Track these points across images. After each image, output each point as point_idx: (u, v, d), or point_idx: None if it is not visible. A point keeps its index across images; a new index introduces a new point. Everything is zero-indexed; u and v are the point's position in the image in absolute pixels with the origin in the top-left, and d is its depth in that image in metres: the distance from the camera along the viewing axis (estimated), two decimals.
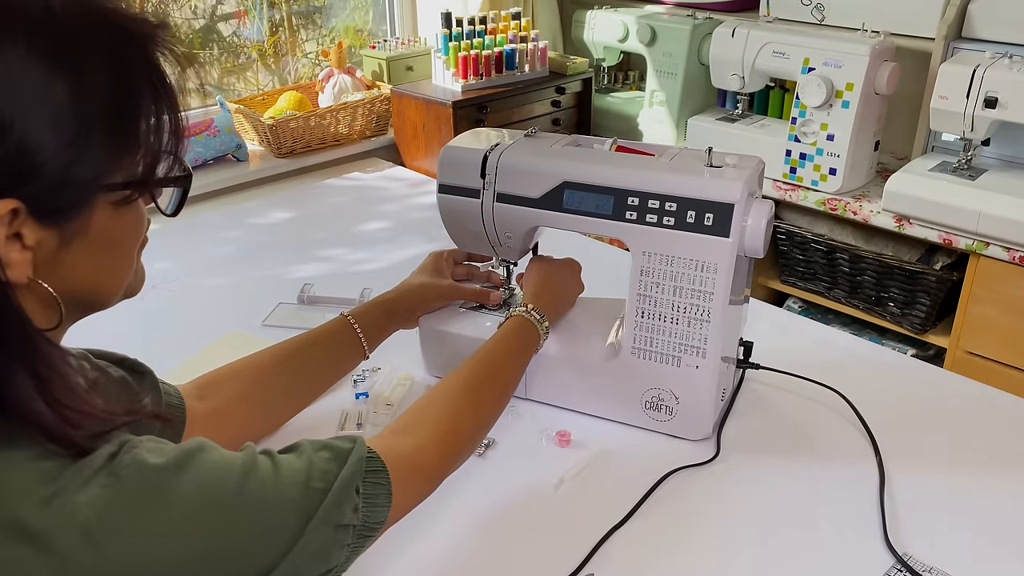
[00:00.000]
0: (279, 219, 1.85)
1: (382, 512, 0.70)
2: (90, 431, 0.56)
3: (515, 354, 0.99)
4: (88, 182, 0.57)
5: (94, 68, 0.56)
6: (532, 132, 1.11)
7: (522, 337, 1.01)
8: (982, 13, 1.87)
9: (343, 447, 0.69)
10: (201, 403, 0.92)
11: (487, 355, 0.95)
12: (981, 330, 1.81)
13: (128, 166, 0.59)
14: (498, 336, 0.99)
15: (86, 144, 0.56)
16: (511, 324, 1.01)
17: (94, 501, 0.53)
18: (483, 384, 0.91)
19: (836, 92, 1.93)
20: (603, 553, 0.88)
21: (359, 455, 0.69)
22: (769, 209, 0.96)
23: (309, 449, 0.68)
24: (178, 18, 2.34)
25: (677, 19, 2.36)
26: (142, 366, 0.85)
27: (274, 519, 0.60)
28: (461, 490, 0.96)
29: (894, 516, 0.92)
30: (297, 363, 1.01)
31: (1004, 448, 1.04)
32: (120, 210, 0.60)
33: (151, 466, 0.56)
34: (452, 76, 2.31)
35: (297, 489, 0.62)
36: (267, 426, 1.02)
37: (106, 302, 0.67)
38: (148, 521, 0.54)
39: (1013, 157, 1.92)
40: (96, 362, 0.81)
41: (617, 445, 1.04)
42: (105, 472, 0.54)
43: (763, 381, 1.16)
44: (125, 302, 0.73)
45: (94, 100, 0.56)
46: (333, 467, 0.66)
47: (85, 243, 0.59)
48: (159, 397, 0.85)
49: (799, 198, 2.04)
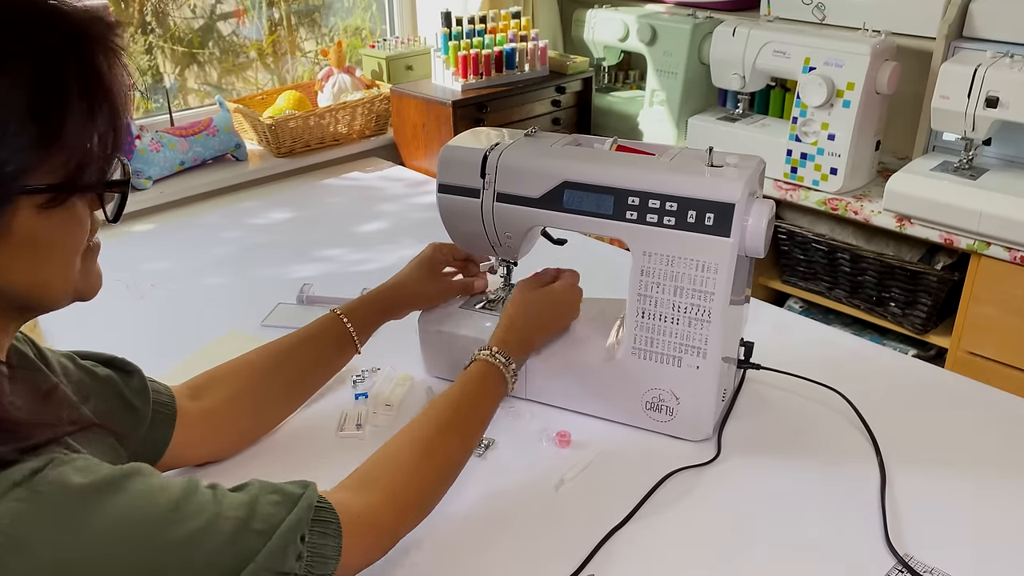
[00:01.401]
0: (278, 219, 1.84)
1: (329, 565, 0.67)
2: (15, 445, 0.54)
3: (476, 402, 0.92)
4: (5, 181, 0.55)
5: (18, 65, 0.55)
6: (532, 132, 1.10)
7: (484, 383, 0.94)
8: (983, 12, 1.87)
9: (293, 492, 0.67)
10: (194, 403, 0.92)
11: (446, 404, 0.89)
12: (982, 330, 1.81)
13: (53, 167, 0.57)
14: (459, 382, 0.93)
15: (2, 142, 0.54)
16: (472, 370, 0.95)
17: (4, 514, 0.51)
18: (442, 436, 0.85)
19: (837, 92, 1.93)
20: (604, 553, 0.87)
21: (309, 501, 0.66)
22: (770, 209, 0.96)
23: (257, 488, 0.65)
24: (178, 18, 2.34)
25: (677, 18, 2.35)
26: (129, 364, 0.85)
27: (202, 556, 0.58)
28: (461, 490, 0.95)
29: (895, 516, 0.92)
30: (290, 362, 1.00)
31: (1005, 448, 1.04)
32: (48, 212, 0.58)
33: (73, 486, 0.54)
34: (452, 76, 2.30)
35: (233, 526, 0.60)
36: (262, 426, 1.01)
37: (47, 305, 0.65)
38: (59, 542, 0.52)
39: (1014, 157, 1.91)
40: (81, 363, 0.80)
41: (617, 446, 1.04)
42: (25, 487, 0.53)
43: (764, 381, 1.16)
44: (126, 302, 0.73)
45: (14, 97, 0.54)
46: (280, 511, 0.64)
47: (7, 244, 0.57)
48: (147, 394, 0.85)
49: (800, 198, 2.04)
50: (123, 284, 1.48)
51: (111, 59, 0.60)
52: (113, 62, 0.60)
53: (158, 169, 1.98)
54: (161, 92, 2.29)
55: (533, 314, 1.03)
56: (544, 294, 1.06)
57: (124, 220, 2.03)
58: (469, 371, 0.94)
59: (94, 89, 0.59)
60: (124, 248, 1.67)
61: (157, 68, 2.33)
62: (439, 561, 0.87)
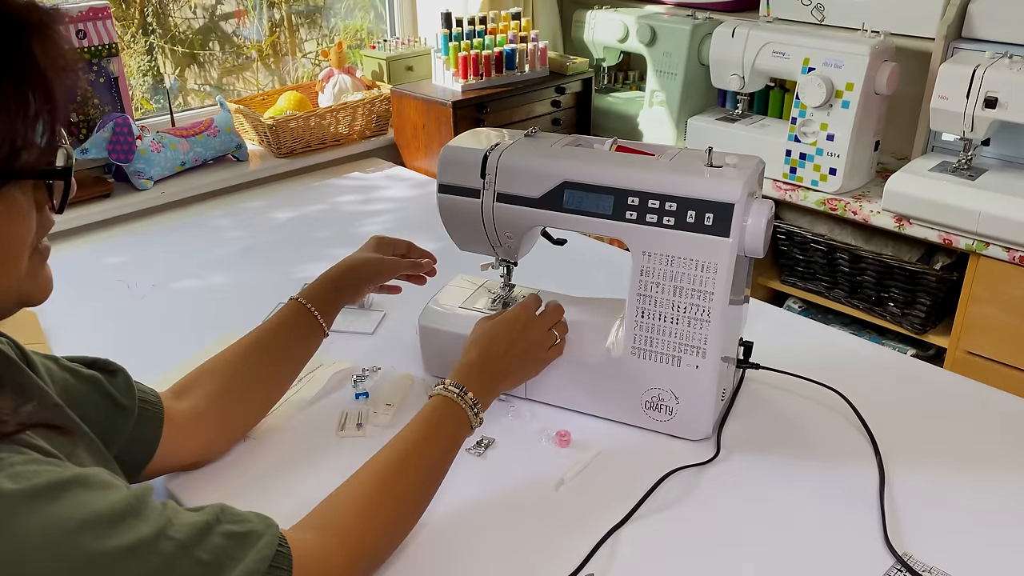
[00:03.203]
0: (279, 219, 1.85)
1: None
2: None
3: (435, 442, 0.87)
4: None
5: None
6: (532, 132, 1.11)
7: (442, 421, 0.89)
8: (982, 13, 1.87)
9: (253, 529, 0.64)
10: (180, 404, 0.92)
11: (403, 444, 0.85)
12: (981, 330, 1.81)
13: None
14: (417, 421, 0.88)
15: None
16: (431, 407, 0.90)
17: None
18: (400, 478, 0.82)
19: (836, 92, 1.93)
20: (603, 553, 0.87)
21: (267, 550, 0.63)
22: (769, 209, 0.96)
23: (215, 513, 0.62)
24: (178, 18, 2.34)
25: (677, 19, 2.36)
26: (113, 365, 0.85)
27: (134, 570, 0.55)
28: (461, 490, 0.96)
29: (894, 516, 0.92)
30: (264, 353, 1.01)
31: (1004, 448, 1.04)
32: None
33: (2, 491, 0.52)
34: (452, 76, 2.30)
35: (174, 548, 0.57)
36: (248, 419, 1.02)
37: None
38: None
39: (1013, 157, 1.91)
40: (66, 364, 0.80)
41: (617, 445, 1.04)
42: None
43: (763, 381, 1.16)
44: (126, 302, 0.72)
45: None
46: (232, 548, 0.61)
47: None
48: (133, 392, 0.85)
49: (799, 198, 2.04)
50: (124, 284, 1.48)
51: (48, 46, 0.58)
52: (50, 49, 0.58)
53: (159, 169, 1.98)
54: (162, 92, 2.29)
55: (497, 352, 0.98)
56: (504, 325, 1.01)
57: (125, 220, 2.04)
58: (426, 408, 0.90)
59: (28, 76, 0.57)
60: (125, 248, 1.67)
61: (158, 69, 2.33)
62: (439, 561, 0.87)
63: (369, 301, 1.38)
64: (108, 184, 1.95)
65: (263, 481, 0.98)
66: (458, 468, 0.99)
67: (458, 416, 0.90)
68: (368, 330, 1.32)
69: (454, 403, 0.91)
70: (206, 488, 0.98)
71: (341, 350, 1.25)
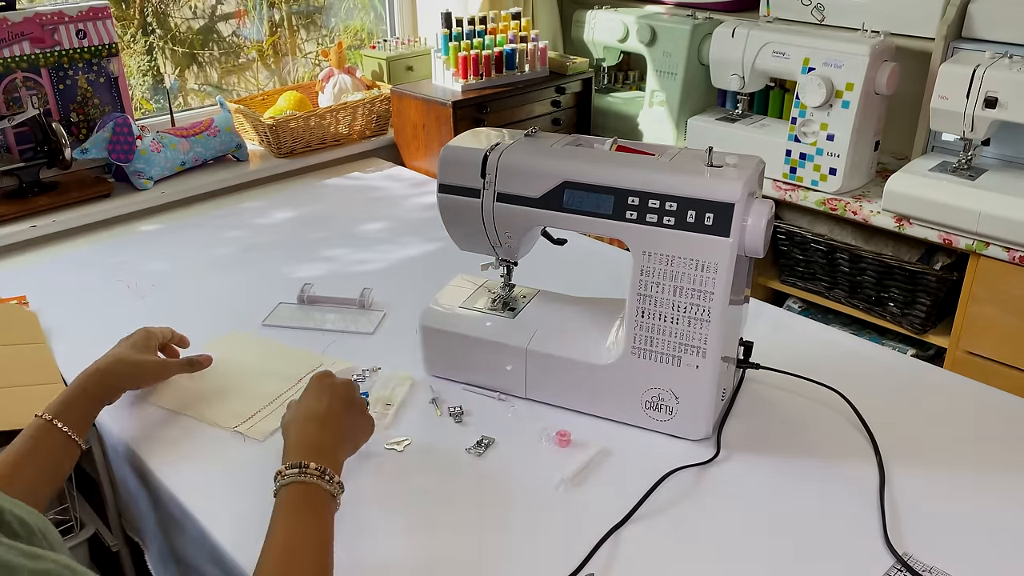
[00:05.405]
0: (279, 219, 1.85)
1: None
2: None
3: (308, 523, 0.81)
4: None
5: None
6: (532, 132, 1.11)
7: (298, 506, 0.83)
8: (982, 13, 1.87)
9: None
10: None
11: (280, 543, 0.79)
12: (981, 330, 1.81)
13: None
14: (277, 518, 0.82)
15: None
16: (281, 500, 0.83)
17: None
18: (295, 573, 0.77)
19: (836, 92, 1.93)
20: (603, 553, 0.88)
21: None
22: (769, 209, 0.96)
23: None
24: (178, 18, 2.34)
25: (677, 19, 2.36)
26: None
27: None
28: (461, 490, 0.96)
29: (894, 516, 0.92)
30: (15, 486, 0.90)
31: (1004, 448, 1.04)
32: None
33: None
34: (452, 76, 2.30)
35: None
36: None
37: None
38: None
39: (1013, 157, 1.91)
40: None
41: (617, 445, 1.04)
42: None
43: (763, 381, 1.16)
44: (127, 302, 0.72)
45: None
46: None
47: None
48: None
49: (799, 198, 2.04)
50: (124, 284, 1.48)
51: None
52: None
53: (159, 169, 1.98)
54: (162, 92, 2.29)
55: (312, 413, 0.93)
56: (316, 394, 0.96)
57: (125, 220, 2.03)
58: (277, 505, 0.83)
59: None
60: (125, 248, 1.67)
61: (158, 69, 2.33)
62: (439, 560, 0.87)
63: (369, 301, 1.38)
64: (108, 184, 1.95)
65: (263, 481, 0.97)
66: (458, 468, 0.99)
67: (312, 492, 0.84)
68: (368, 330, 1.32)
69: (301, 484, 0.84)
70: (207, 488, 0.99)
71: (341, 350, 1.25)
